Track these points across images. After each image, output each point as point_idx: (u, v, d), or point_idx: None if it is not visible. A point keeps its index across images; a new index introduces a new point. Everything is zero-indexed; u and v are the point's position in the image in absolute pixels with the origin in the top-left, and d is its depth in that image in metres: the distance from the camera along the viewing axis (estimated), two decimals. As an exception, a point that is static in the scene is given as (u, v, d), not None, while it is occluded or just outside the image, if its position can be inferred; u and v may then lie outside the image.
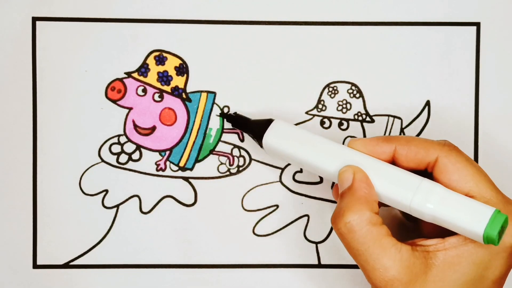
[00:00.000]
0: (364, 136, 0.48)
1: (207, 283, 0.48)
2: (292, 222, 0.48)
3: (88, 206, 0.48)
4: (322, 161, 0.41)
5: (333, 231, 0.47)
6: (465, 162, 0.39)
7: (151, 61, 0.48)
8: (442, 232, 0.39)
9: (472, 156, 0.48)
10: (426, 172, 0.41)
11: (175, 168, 0.48)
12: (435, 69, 0.48)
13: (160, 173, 0.48)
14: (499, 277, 0.39)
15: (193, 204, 0.48)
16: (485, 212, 0.37)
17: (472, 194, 0.39)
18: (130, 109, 0.48)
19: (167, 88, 0.48)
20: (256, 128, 0.44)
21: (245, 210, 0.48)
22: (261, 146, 0.44)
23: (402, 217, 0.46)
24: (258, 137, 0.44)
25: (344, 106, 0.48)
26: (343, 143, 0.48)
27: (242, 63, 0.48)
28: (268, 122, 0.44)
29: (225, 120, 0.47)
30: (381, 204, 0.41)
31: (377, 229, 0.38)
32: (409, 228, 0.45)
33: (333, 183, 0.46)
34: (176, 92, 0.48)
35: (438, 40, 0.48)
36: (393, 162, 0.41)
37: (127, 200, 0.48)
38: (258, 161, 0.48)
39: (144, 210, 0.48)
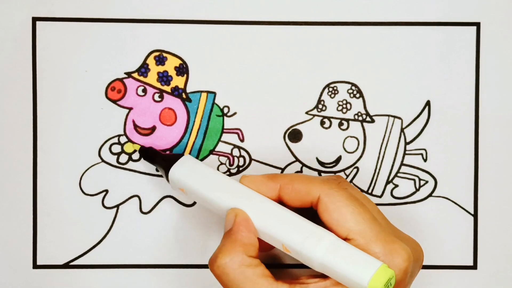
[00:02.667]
0: (364, 136, 0.48)
1: (206, 283, 0.48)
2: (292, 222, 0.48)
3: (88, 206, 0.48)
4: (216, 199, 0.42)
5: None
6: (345, 201, 0.39)
7: (151, 61, 0.48)
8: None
9: (472, 156, 0.48)
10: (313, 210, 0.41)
11: (175, 168, 0.48)
12: (435, 69, 0.48)
13: (160, 173, 0.48)
14: None
15: (193, 204, 0.48)
16: (371, 265, 0.37)
17: (352, 236, 0.39)
18: (130, 109, 0.48)
19: (167, 88, 0.48)
20: (164, 163, 0.45)
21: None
22: (168, 181, 0.44)
23: None
24: (165, 171, 0.44)
25: (344, 106, 0.48)
26: (343, 143, 0.48)
27: (242, 63, 0.48)
28: (176, 157, 0.44)
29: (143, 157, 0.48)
30: None
31: (251, 270, 0.38)
32: None
33: None
34: (176, 92, 0.48)
35: (438, 40, 0.48)
36: (280, 200, 0.42)
37: (127, 200, 0.48)
38: (258, 161, 0.48)
39: (144, 210, 0.48)
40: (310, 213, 0.42)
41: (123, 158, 0.48)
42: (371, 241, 0.38)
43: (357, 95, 0.48)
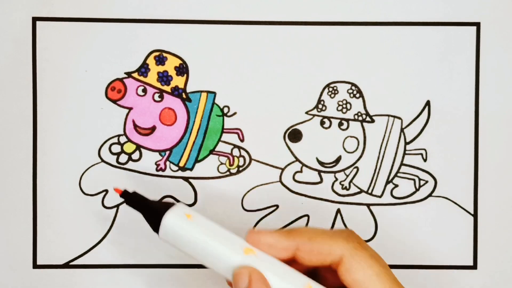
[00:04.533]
0: (364, 136, 0.48)
1: (206, 283, 0.48)
2: (292, 222, 0.48)
3: (88, 206, 0.48)
4: (217, 255, 0.38)
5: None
6: (370, 261, 0.38)
7: (151, 61, 0.48)
8: None
9: (472, 156, 0.48)
10: (331, 269, 0.39)
11: (175, 168, 0.48)
12: (435, 69, 0.48)
13: (160, 173, 0.48)
14: None
15: (193, 204, 0.48)
16: None
17: None
18: (130, 109, 0.48)
19: (167, 88, 0.48)
20: (152, 210, 0.40)
21: (245, 210, 0.48)
22: (156, 232, 0.40)
23: None
24: (154, 227, 0.39)
25: (344, 106, 0.48)
26: (343, 143, 0.48)
27: (242, 63, 0.48)
28: (167, 205, 0.39)
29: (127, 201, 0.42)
30: None
31: None
32: None
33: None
34: (176, 92, 0.48)
35: (438, 40, 0.48)
36: (295, 258, 0.39)
37: (127, 200, 0.48)
38: (258, 161, 0.48)
39: (144, 210, 0.48)
40: (313, 269, 0.40)
41: (123, 158, 0.48)
42: None
43: (357, 95, 0.48)
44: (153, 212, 0.39)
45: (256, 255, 0.38)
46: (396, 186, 0.49)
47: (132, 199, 0.41)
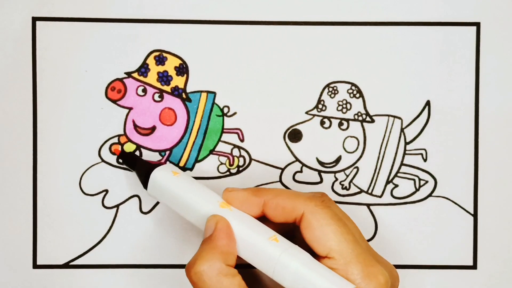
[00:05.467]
0: (364, 136, 0.48)
1: (207, 283, 0.48)
2: (292, 222, 0.48)
3: (88, 206, 0.48)
4: (195, 207, 0.41)
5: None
6: (329, 220, 0.39)
7: (151, 61, 0.48)
8: None
9: (472, 156, 0.48)
10: (296, 226, 0.41)
11: (175, 168, 0.48)
12: (435, 69, 0.48)
13: (160, 173, 0.48)
14: None
15: (193, 204, 0.48)
16: (343, 287, 0.37)
17: (332, 254, 0.38)
18: (130, 109, 0.48)
19: (167, 88, 0.48)
20: (143, 168, 0.44)
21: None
22: (145, 188, 0.44)
23: None
24: (144, 183, 0.44)
25: (344, 106, 0.48)
26: (343, 143, 0.48)
27: (242, 63, 0.48)
28: (154, 166, 0.44)
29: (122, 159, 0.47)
30: None
31: (228, 280, 0.38)
32: None
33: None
34: (176, 92, 0.48)
35: (438, 40, 0.48)
36: (264, 214, 0.41)
37: (127, 200, 0.48)
38: (258, 161, 0.48)
39: (144, 210, 0.48)
40: (288, 229, 0.42)
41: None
42: (351, 262, 0.38)
43: (357, 95, 0.48)
44: (144, 168, 0.44)
45: (230, 210, 0.41)
46: (396, 186, 0.49)
47: (127, 157, 0.47)
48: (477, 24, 0.48)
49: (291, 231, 0.42)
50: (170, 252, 0.48)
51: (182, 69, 0.48)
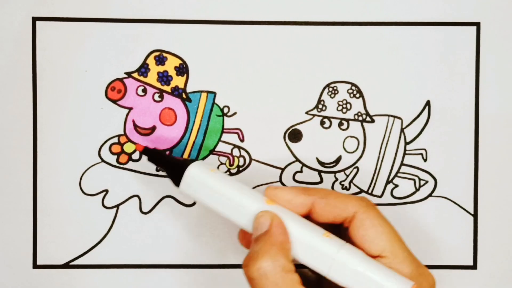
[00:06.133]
0: (364, 136, 0.48)
1: (207, 283, 0.48)
2: (292, 222, 0.48)
3: (88, 206, 0.48)
4: (240, 204, 0.40)
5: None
6: (381, 220, 0.39)
7: (151, 61, 0.48)
8: None
9: (472, 156, 0.48)
10: (342, 227, 0.40)
11: (175, 168, 0.48)
12: (435, 69, 0.48)
13: (160, 173, 0.48)
14: None
15: (193, 204, 0.48)
16: (404, 284, 0.37)
17: (386, 254, 0.39)
18: (130, 109, 0.48)
19: (167, 88, 0.48)
20: (173, 169, 0.43)
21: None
22: (176, 185, 0.42)
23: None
24: (175, 179, 0.42)
25: (344, 106, 0.48)
26: (343, 143, 0.48)
27: (242, 63, 0.48)
28: (186, 163, 0.42)
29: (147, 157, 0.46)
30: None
31: (290, 277, 0.37)
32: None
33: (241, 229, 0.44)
34: (176, 92, 0.48)
35: (438, 40, 0.48)
36: (310, 214, 0.40)
37: (127, 200, 0.48)
38: (258, 161, 0.48)
39: (144, 210, 0.48)
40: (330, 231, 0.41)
41: (123, 158, 0.48)
42: (403, 261, 0.38)
43: (357, 95, 0.48)
44: (176, 165, 0.42)
45: (277, 207, 0.40)
46: (396, 186, 0.49)
47: (153, 155, 0.44)
48: (477, 24, 0.48)
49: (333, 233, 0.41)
50: (170, 252, 0.48)
51: (182, 69, 0.48)
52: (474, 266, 0.49)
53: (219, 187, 0.41)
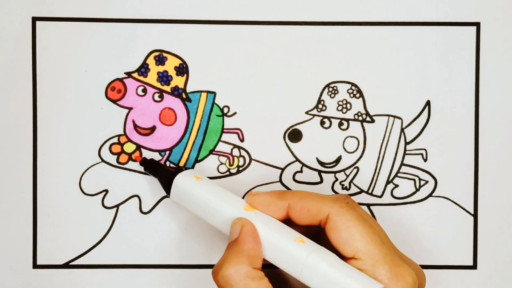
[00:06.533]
0: (364, 136, 0.48)
1: (206, 283, 0.48)
2: (292, 222, 0.48)
3: (88, 206, 0.48)
4: (219, 211, 0.42)
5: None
6: (355, 221, 0.39)
7: (151, 61, 0.48)
8: None
9: (472, 156, 0.48)
10: (321, 228, 0.41)
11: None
12: (435, 69, 0.48)
13: (160, 173, 0.48)
14: None
15: (193, 204, 0.48)
16: (372, 287, 0.37)
17: (359, 256, 0.38)
18: (130, 109, 0.48)
19: (167, 88, 0.48)
20: (166, 174, 0.45)
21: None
22: (168, 194, 0.44)
23: None
24: (166, 189, 0.44)
25: (344, 106, 0.48)
26: (343, 143, 0.48)
27: (242, 63, 0.48)
28: (176, 171, 0.44)
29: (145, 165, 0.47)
30: None
31: (255, 283, 0.38)
32: None
33: None
34: (176, 92, 0.48)
35: (438, 40, 0.48)
36: (288, 218, 0.41)
37: (127, 200, 0.48)
38: (258, 161, 0.48)
39: (144, 210, 0.48)
40: (313, 232, 0.42)
41: (123, 158, 0.48)
42: (378, 262, 0.38)
43: (357, 95, 0.48)
44: (167, 175, 0.44)
45: (255, 213, 0.41)
46: (396, 186, 0.49)
47: (148, 165, 0.46)
48: (477, 24, 0.48)
49: (316, 234, 0.42)
50: (170, 252, 0.48)
51: (182, 69, 0.48)
52: (474, 266, 0.49)
53: (203, 195, 0.42)
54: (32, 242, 0.48)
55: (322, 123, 0.48)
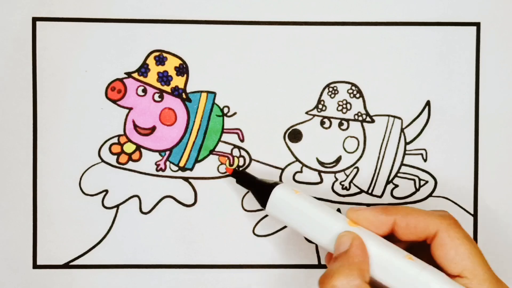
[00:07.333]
0: (364, 136, 0.48)
1: (207, 283, 0.48)
2: (292, 222, 0.48)
3: (88, 206, 0.48)
4: (323, 226, 0.41)
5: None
6: (463, 239, 0.39)
7: (151, 61, 0.48)
8: None
9: (472, 156, 0.48)
10: (424, 244, 0.40)
11: (175, 168, 0.48)
12: (435, 69, 0.48)
13: (160, 173, 0.48)
14: None
15: (193, 204, 0.48)
16: None
17: (466, 274, 0.39)
18: (130, 109, 0.48)
19: (167, 88, 0.48)
20: (259, 191, 0.44)
21: (245, 210, 0.48)
22: (263, 206, 0.44)
23: None
24: (261, 201, 0.44)
25: (344, 106, 0.48)
26: (343, 143, 0.48)
27: (242, 63, 0.48)
28: (272, 186, 0.43)
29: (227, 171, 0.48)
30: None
31: None
32: None
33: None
34: (176, 92, 0.48)
35: (438, 40, 0.48)
36: (391, 234, 0.41)
37: (127, 200, 0.48)
38: (258, 161, 0.48)
39: (144, 210, 0.48)
40: (413, 249, 0.41)
41: (123, 158, 0.48)
42: (484, 283, 0.38)
43: (357, 95, 0.48)
44: (263, 187, 0.44)
45: (359, 228, 0.40)
46: (396, 186, 0.49)
47: (241, 176, 0.46)
48: (477, 24, 0.48)
49: (416, 251, 0.41)
50: (170, 252, 0.48)
51: (182, 69, 0.48)
52: (474, 266, 0.49)
53: (304, 208, 0.42)
54: (32, 242, 0.48)
55: (322, 123, 0.48)
